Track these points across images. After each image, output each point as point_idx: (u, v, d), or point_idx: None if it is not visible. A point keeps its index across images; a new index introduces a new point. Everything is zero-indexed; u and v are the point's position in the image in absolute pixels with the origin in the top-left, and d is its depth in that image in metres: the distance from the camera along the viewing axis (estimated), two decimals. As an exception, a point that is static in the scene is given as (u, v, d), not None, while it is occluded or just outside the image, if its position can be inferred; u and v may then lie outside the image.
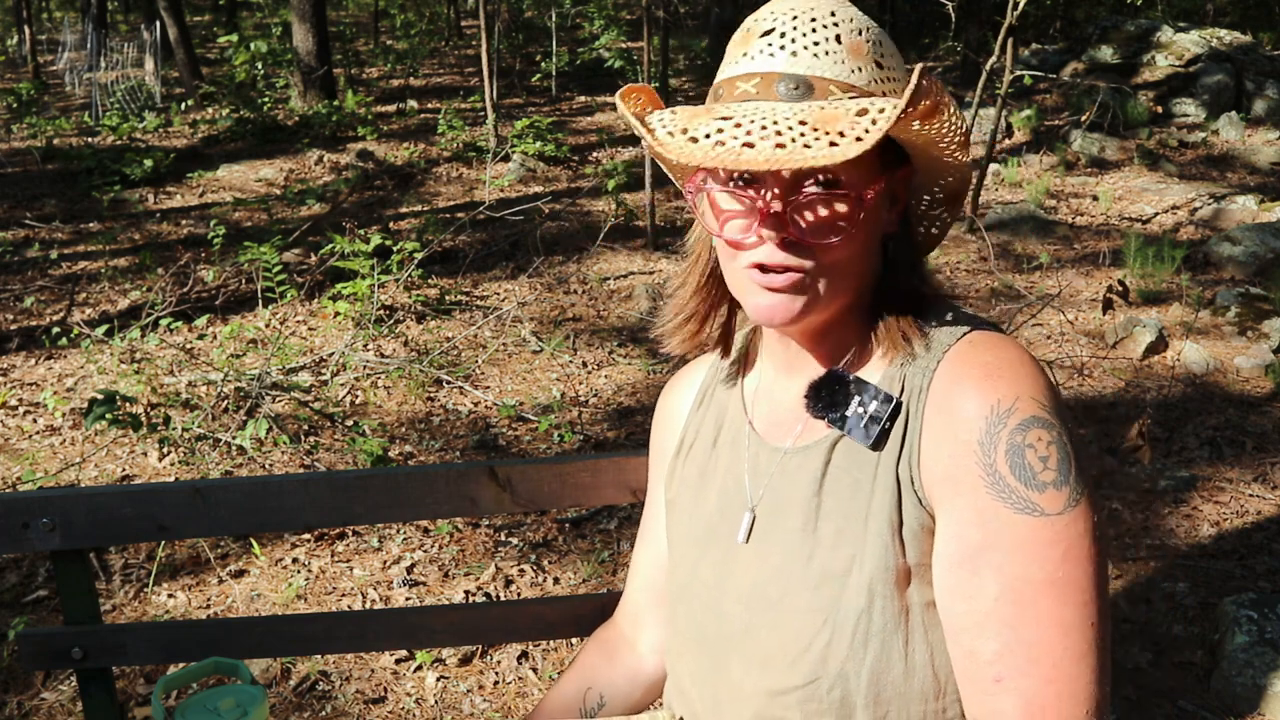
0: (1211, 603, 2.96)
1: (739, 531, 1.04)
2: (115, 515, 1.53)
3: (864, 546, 0.94)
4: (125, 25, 20.99)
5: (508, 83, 12.39)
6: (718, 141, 0.87)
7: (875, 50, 0.95)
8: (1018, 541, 0.87)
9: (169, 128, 10.58)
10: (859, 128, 0.86)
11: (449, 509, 1.60)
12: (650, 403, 4.51)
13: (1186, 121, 9.39)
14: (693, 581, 1.09)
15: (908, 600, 0.93)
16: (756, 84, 0.93)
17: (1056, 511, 0.87)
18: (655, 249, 6.71)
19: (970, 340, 0.97)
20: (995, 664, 0.87)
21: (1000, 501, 0.88)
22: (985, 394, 0.91)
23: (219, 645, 1.60)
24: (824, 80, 0.92)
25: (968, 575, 0.89)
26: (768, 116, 0.88)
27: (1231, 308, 5.22)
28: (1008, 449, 0.89)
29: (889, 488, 0.94)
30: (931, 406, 0.94)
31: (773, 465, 1.04)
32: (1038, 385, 0.92)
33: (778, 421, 1.07)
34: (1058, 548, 0.87)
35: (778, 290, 0.95)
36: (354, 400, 4.53)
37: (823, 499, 0.98)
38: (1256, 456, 3.86)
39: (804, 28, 0.94)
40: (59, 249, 6.75)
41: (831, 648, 0.94)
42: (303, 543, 3.37)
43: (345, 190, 8.23)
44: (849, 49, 0.94)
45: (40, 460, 3.98)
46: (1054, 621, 0.86)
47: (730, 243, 0.96)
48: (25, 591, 3.13)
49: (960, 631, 0.90)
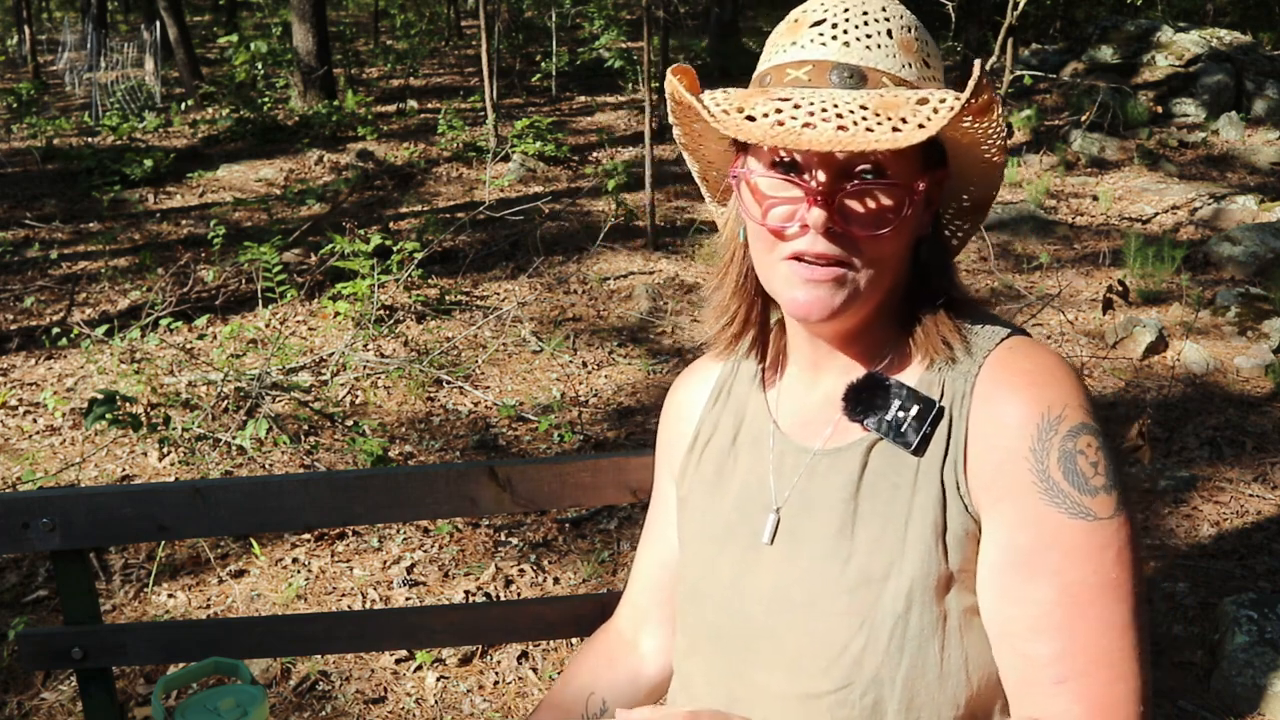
0: (1211, 603, 2.96)
1: (763, 532, 1.03)
2: (115, 515, 1.53)
3: (903, 551, 0.93)
4: (125, 25, 20.99)
5: (508, 83, 12.39)
6: (777, 121, 0.86)
7: (923, 49, 0.96)
8: (1072, 546, 0.88)
9: (169, 128, 10.58)
10: (921, 115, 0.86)
11: (449, 509, 1.60)
12: (650, 403, 4.51)
13: (1186, 121, 9.39)
14: (708, 580, 1.08)
15: (945, 606, 0.93)
16: (809, 71, 0.92)
17: (1108, 516, 0.89)
18: (655, 249, 6.71)
19: (1010, 346, 0.97)
20: (1055, 666, 0.88)
21: (1054, 507, 0.89)
22: (1035, 401, 0.91)
23: (219, 645, 1.60)
24: (877, 71, 0.92)
25: (1021, 580, 0.89)
26: (827, 100, 0.88)
27: (1231, 308, 5.22)
28: (1060, 455, 0.89)
29: (933, 493, 0.94)
30: (976, 412, 0.94)
31: (800, 466, 1.03)
32: (1081, 392, 0.93)
33: (805, 421, 1.05)
34: (1110, 551, 0.88)
35: (818, 282, 0.93)
36: (354, 400, 4.53)
37: (860, 503, 0.97)
38: (1256, 456, 3.86)
39: (856, 19, 0.93)
40: (59, 249, 6.75)
41: (867, 652, 0.93)
42: (303, 543, 3.37)
43: (345, 190, 8.23)
44: (900, 44, 0.94)
45: (40, 460, 3.98)
46: (1110, 623, 0.88)
47: (772, 230, 0.95)
48: (25, 591, 3.13)
49: (1012, 636, 0.90)
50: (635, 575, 1.28)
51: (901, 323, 1.01)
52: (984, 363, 0.96)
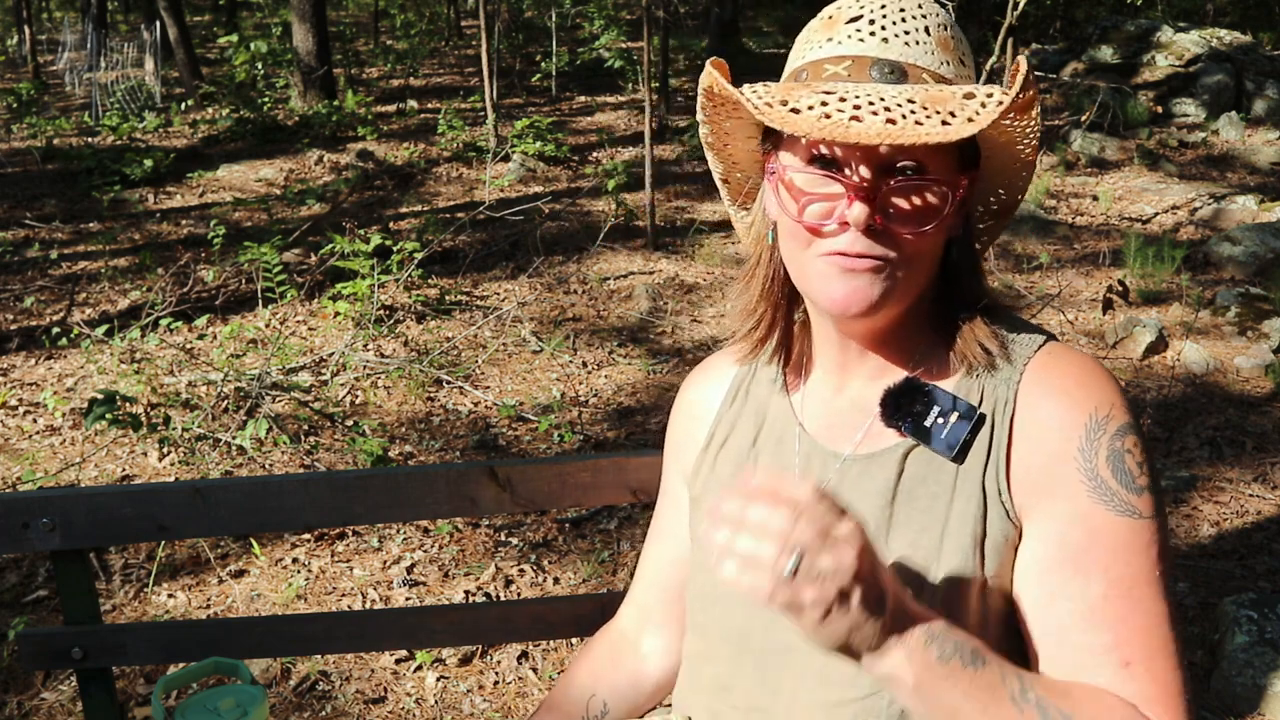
0: (1211, 603, 2.96)
1: None
2: (115, 515, 1.53)
3: (939, 558, 0.93)
4: (125, 25, 20.99)
5: (508, 83, 12.38)
6: (824, 114, 0.84)
7: (959, 47, 0.95)
8: (1121, 543, 0.89)
9: (169, 128, 10.58)
10: (969, 109, 0.85)
11: (449, 509, 1.60)
12: (650, 403, 4.51)
13: (1186, 121, 9.39)
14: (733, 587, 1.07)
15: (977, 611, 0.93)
16: (848, 67, 0.91)
17: (1151, 514, 0.90)
18: (655, 249, 6.71)
19: (1049, 352, 0.97)
20: (1117, 651, 0.89)
21: (1103, 505, 0.90)
22: (1081, 403, 0.92)
23: (219, 645, 1.60)
24: (916, 68, 0.91)
25: (1070, 575, 0.90)
26: (872, 93, 0.86)
27: (1231, 308, 5.22)
28: (1109, 454, 0.90)
29: (973, 500, 0.93)
30: (1021, 417, 0.94)
31: (829, 470, 1.01)
32: (1123, 395, 0.94)
33: (832, 425, 1.04)
34: (1154, 549, 0.90)
35: (856, 274, 0.91)
36: (354, 400, 4.53)
37: (895, 509, 0.96)
38: (1256, 456, 3.86)
39: (893, 16, 0.93)
40: (59, 249, 6.75)
41: None
42: (303, 543, 3.37)
43: (345, 190, 8.23)
44: (937, 41, 0.93)
45: (40, 460, 3.98)
46: (1159, 614, 0.90)
47: (810, 228, 0.93)
48: (25, 591, 3.13)
49: (1061, 630, 0.91)
50: (641, 574, 1.27)
51: (934, 327, 1.01)
52: (1025, 369, 0.96)
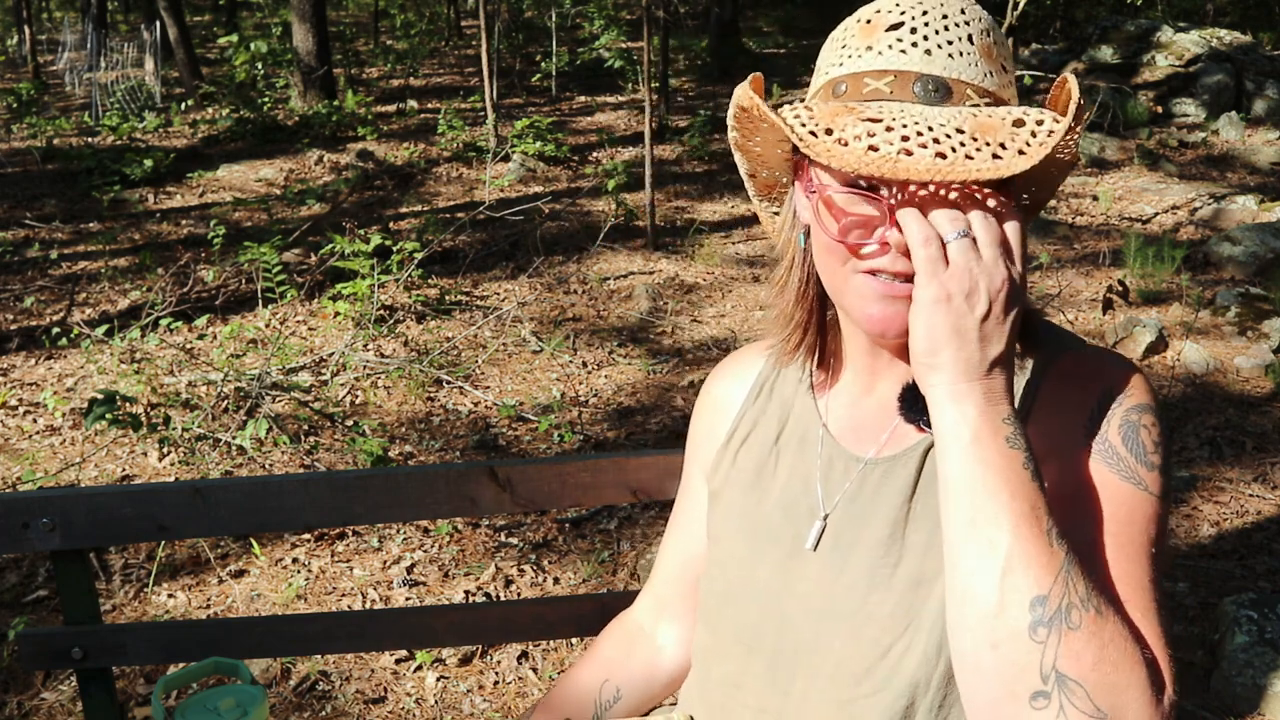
0: (1211, 603, 2.96)
1: (807, 538, 1.01)
2: (115, 515, 1.53)
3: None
4: (125, 25, 20.99)
5: (508, 83, 12.39)
6: (870, 146, 0.82)
7: (1000, 53, 0.92)
8: (1119, 503, 0.87)
9: (169, 128, 10.58)
10: (1019, 140, 0.82)
11: (449, 509, 1.60)
12: (650, 403, 4.51)
13: (1186, 121, 9.39)
14: (747, 582, 1.05)
15: None
16: (890, 82, 0.88)
17: (1158, 494, 0.88)
18: (655, 249, 6.71)
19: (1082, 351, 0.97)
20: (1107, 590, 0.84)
21: (1106, 466, 0.88)
22: (1099, 381, 0.92)
23: (219, 645, 1.60)
24: (961, 83, 0.88)
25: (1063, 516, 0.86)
26: (920, 122, 0.83)
27: (1231, 308, 5.22)
28: (1122, 424, 0.89)
29: None
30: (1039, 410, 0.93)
31: (851, 474, 1.01)
32: (1147, 385, 0.93)
33: (858, 428, 1.03)
34: (1155, 525, 0.88)
35: (895, 299, 0.89)
36: (354, 400, 4.53)
37: (914, 505, 0.96)
38: (1256, 456, 3.86)
39: (936, 24, 0.89)
40: (59, 249, 6.75)
41: (908, 656, 0.92)
42: (303, 543, 3.37)
43: (345, 190, 8.23)
44: (981, 50, 0.90)
45: (40, 460, 3.98)
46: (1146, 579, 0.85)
47: (850, 248, 0.90)
48: (25, 591, 3.13)
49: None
50: (659, 565, 1.27)
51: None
52: (1052, 368, 0.95)
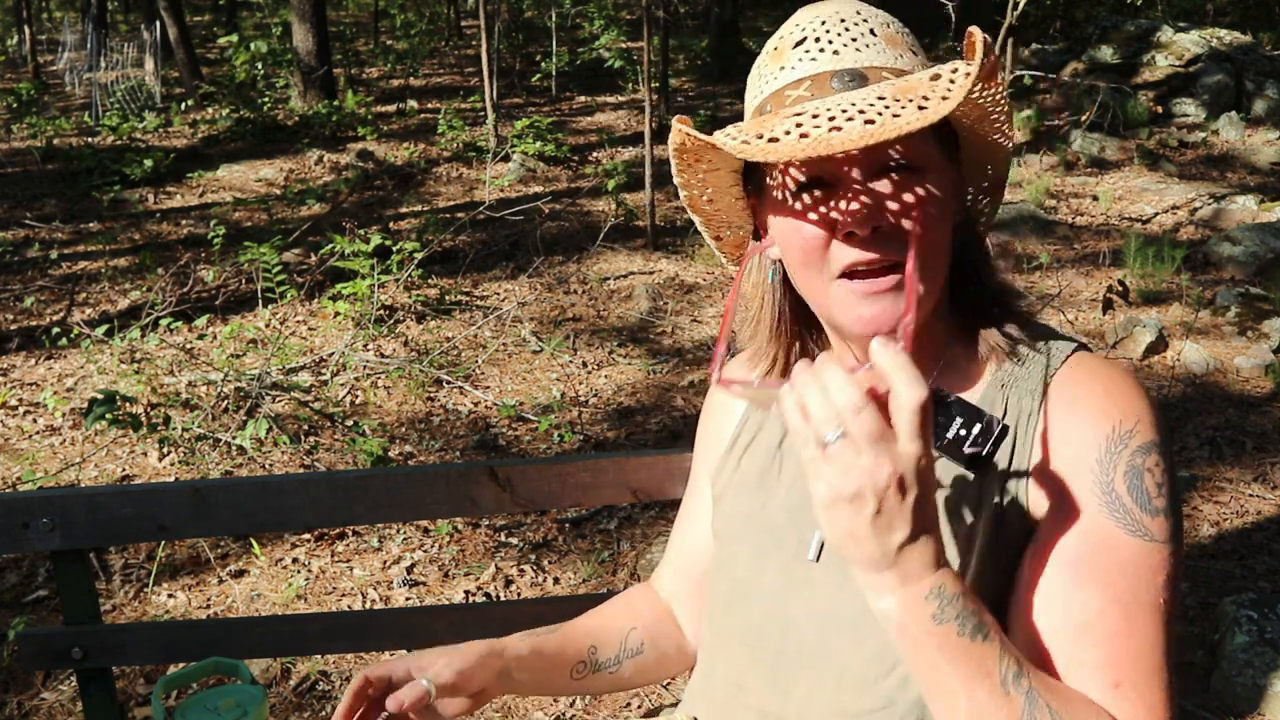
0: (1211, 603, 2.96)
1: (810, 549, 1.01)
2: (115, 515, 1.53)
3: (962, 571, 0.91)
4: (125, 25, 20.99)
5: (508, 83, 12.38)
6: (801, 134, 0.83)
7: (907, 39, 0.95)
8: (1126, 561, 0.86)
9: (169, 128, 10.58)
10: (939, 89, 0.84)
11: (449, 509, 1.60)
12: (650, 403, 4.51)
13: (1186, 121, 9.39)
14: (752, 585, 1.05)
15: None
16: (808, 87, 0.90)
17: (1164, 540, 0.87)
18: (655, 249, 6.71)
19: (1079, 360, 0.95)
20: (1108, 670, 0.86)
21: (1113, 520, 0.87)
22: (1107, 413, 0.90)
23: (219, 645, 1.60)
24: (874, 69, 0.90)
25: (1069, 583, 0.87)
26: (843, 101, 0.85)
27: (1231, 308, 5.22)
28: (1127, 470, 0.88)
29: (994, 512, 0.92)
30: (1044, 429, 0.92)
31: None
32: (1155, 411, 0.91)
33: None
34: (1162, 574, 0.87)
35: (879, 294, 0.90)
36: (354, 400, 4.53)
37: None
38: (1256, 456, 3.86)
39: (835, 29, 0.92)
40: (59, 249, 6.75)
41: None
42: (303, 543, 3.37)
43: (345, 190, 8.23)
44: (885, 39, 0.93)
45: (40, 460, 3.98)
46: (1154, 641, 0.86)
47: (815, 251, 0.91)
48: (25, 591, 3.13)
49: (1057, 637, 0.88)
50: (666, 560, 1.29)
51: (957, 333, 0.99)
52: (1052, 379, 0.94)
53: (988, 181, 1.05)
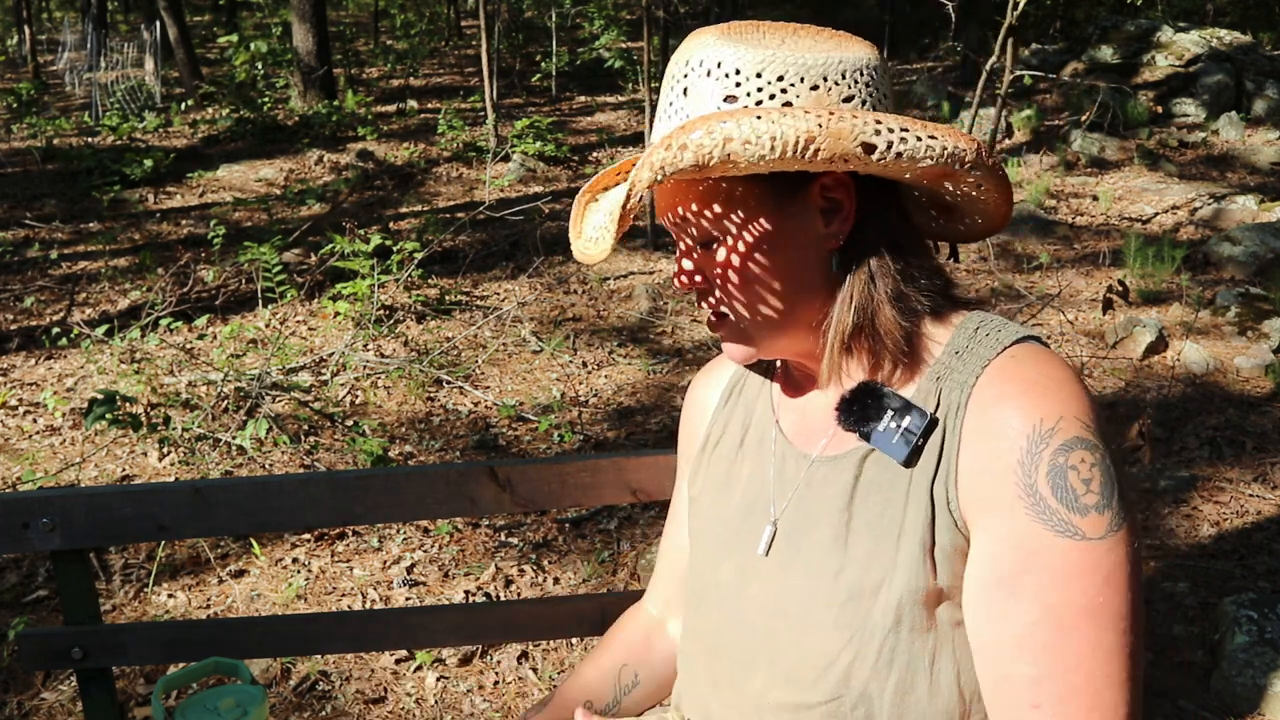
0: (1211, 603, 2.96)
1: (759, 543, 1.02)
2: (115, 515, 1.53)
3: (894, 565, 0.91)
4: (125, 25, 20.99)
5: (508, 83, 12.38)
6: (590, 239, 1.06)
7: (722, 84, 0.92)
8: (1058, 565, 0.85)
9: (169, 128, 10.58)
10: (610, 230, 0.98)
11: (449, 509, 1.60)
12: (650, 403, 4.51)
13: (1186, 121, 9.39)
14: (713, 585, 1.07)
15: (937, 620, 0.91)
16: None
17: (1098, 536, 0.85)
18: (655, 249, 6.71)
19: (1012, 355, 0.93)
20: (1032, 690, 0.85)
21: (1040, 523, 0.85)
22: (1027, 412, 0.88)
23: (219, 645, 1.60)
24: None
25: (1003, 597, 0.87)
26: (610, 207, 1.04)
27: (1231, 308, 5.22)
28: (1050, 470, 0.86)
29: (923, 507, 0.91)
30: (970, 424, 0.91)
31: (799, 474, 1.02)
32: (1082, 405, 0.88)
33: (806, 427, 1.04)
34: (1099, 573, 0.84)
35: (723, 337, 1.02)
36: (354, 400, 4.53)
37: (853, 513, 0.95)
38: (1256, 456, 3.86)
39: (673, 100, 0.97)
40: (59, 249, 6.75)
41: (856, 666, 0.92)
42: (303, 543, 3.37)
43: (345, 190, 8.23)
44: (700, 93, 0.93)
45: (40, 460, 3.98)
46: (1094, 648, 0.84)
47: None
48: (25, 591, 3.13)
49: (993, 654, 0.88)
50: (659, 563, 1.30)
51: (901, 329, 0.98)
52: (982, 372, 0.93)
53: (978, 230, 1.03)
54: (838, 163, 0.86)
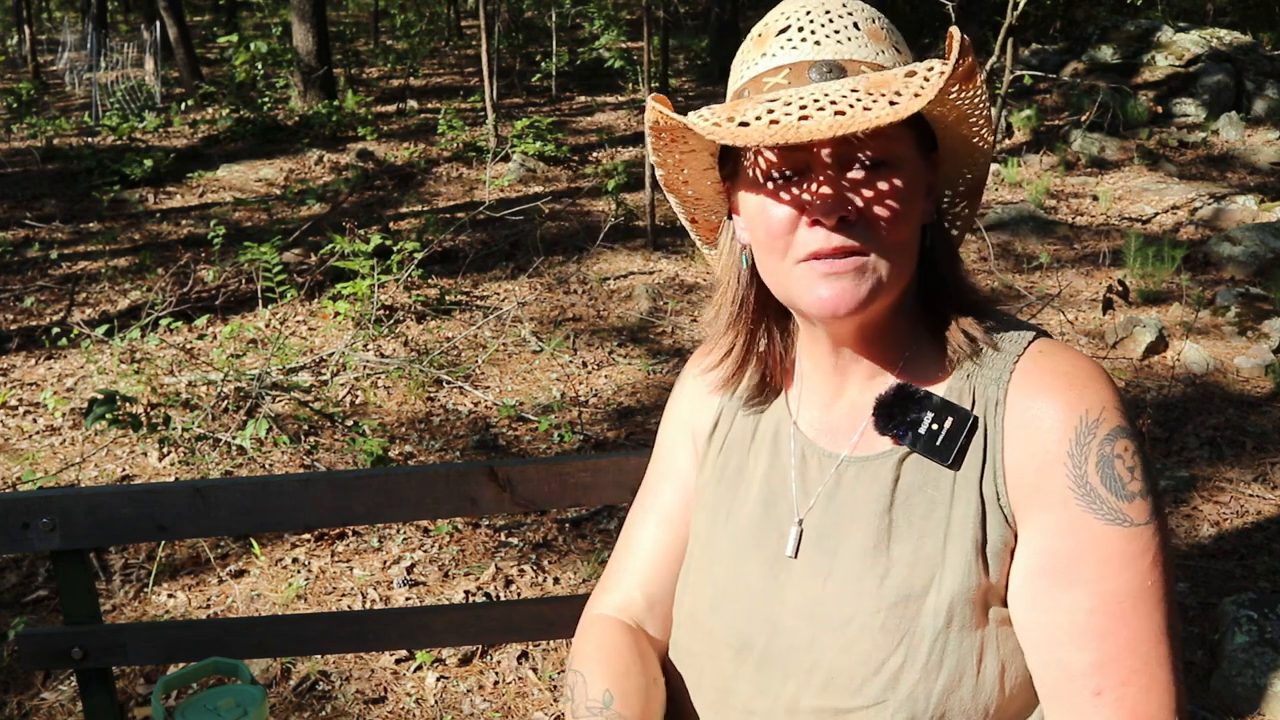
0: (1211, 603, 2.96)
1: (787, 545, 1.00)
2: (115, 515, 1.53)
3: (944, 566, 0.91)
4: (125, 25, 20.99)
5: (508, 83, 12.39)
6: (771, 120, 0.85)
7: (891, 36, 0.95)
8: (1110, 553, 0.87)
9: (169, 128, 10.58)
10: (914, 85, 0.85)
11: (449, 509, 1.60)
12: (650, 403, 4.51)
13: (1186, 121, 9.39)
14: (735, 586, 1.03)
15: (987, 618, 0.92)
16: (786, 75, 0.92)
17: (1144, 521, 0.88)
18: (655, 249, 6.71)
19: (1040, 349, 0.95)
20: (1093, 676, 0.87)
21: (1091, 513, 0.88)
22: (1072, 405, 0.90)
23: (219, 645, 1.60)
24: (854, 62, 0.91)
25: (1058, 587, 0.88)
26: (816, 91, 0.86)
27: (1231, 308, 5.22)
28: (1099, 460, 0.88)
29: (972, 506, 0.92)
30: (1011, 420, 0.92)
31: (826, 473, 1.00)
32: (1115, 394, 0.92)
33: (831, 424, 1.03)
34: (1146, 557, 0.87)
35: (839, 275, 0.90)
36: (354, 400, 4.53)
37: (894, 517, 0.95)
38: (1256, 456, 3.86)
39: (820, 19, 0.93)
40: (59, 249, 6.75)
41: (905, 670, 0.91)
42: (303, 543, 3.37)
43: (345, 190, 8.23)
44: (869, 34, 0.93)
45: (40, 460, 3.98)
46: (1147, 631, 0.87)
47: (782, 236, 0.92)
48: (25, 591, 3.13)
49: (1049, 644, 0.89)
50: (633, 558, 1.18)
51: (922, 326, 1.00)
52: (1015, 367, 0.94)
53: (964, 185, 1.06)
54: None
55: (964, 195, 1.07)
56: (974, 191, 1.06)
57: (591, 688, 1.03)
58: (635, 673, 1.05)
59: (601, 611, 1.17)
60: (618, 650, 1.09)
